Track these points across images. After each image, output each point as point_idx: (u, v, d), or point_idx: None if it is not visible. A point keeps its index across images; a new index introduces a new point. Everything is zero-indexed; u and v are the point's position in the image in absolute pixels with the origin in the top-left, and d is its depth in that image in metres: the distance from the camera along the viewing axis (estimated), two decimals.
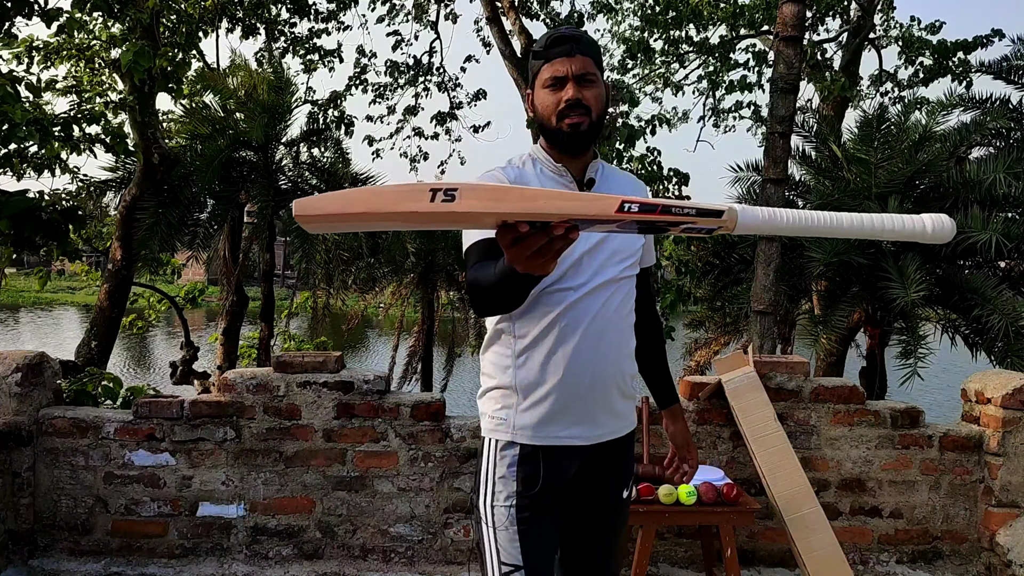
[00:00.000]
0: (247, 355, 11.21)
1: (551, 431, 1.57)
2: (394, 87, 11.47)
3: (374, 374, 3.13)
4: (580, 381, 1.56)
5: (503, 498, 1.57)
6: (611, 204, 1.00)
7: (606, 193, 1.46)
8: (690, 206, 1.02)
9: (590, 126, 1.58)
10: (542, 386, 1.56)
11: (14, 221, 4.19)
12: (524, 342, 1.58)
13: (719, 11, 10.17)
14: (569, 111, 1.56)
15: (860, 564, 3.16)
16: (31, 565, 2.99)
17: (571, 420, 1.57)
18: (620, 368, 1.62)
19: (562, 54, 1.57)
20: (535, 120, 1.64)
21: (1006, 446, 3.06)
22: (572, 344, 1.55)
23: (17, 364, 3.00)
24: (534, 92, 1.64)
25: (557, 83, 1.58)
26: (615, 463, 1.66)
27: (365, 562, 3.09)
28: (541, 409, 1.56)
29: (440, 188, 1.00)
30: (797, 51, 4.86)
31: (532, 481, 1.57)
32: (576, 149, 1.61)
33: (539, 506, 1.57)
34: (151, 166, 7.75)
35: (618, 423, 1.64)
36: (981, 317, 5.67)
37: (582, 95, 1.57)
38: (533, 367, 1.57)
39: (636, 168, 7.59)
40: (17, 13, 4.25)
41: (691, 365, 8.96)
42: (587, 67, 1.58)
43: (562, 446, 1.57)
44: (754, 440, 2.95)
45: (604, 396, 1.59)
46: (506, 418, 1.60)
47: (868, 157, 6.35)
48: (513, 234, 1.07)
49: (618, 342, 1.62)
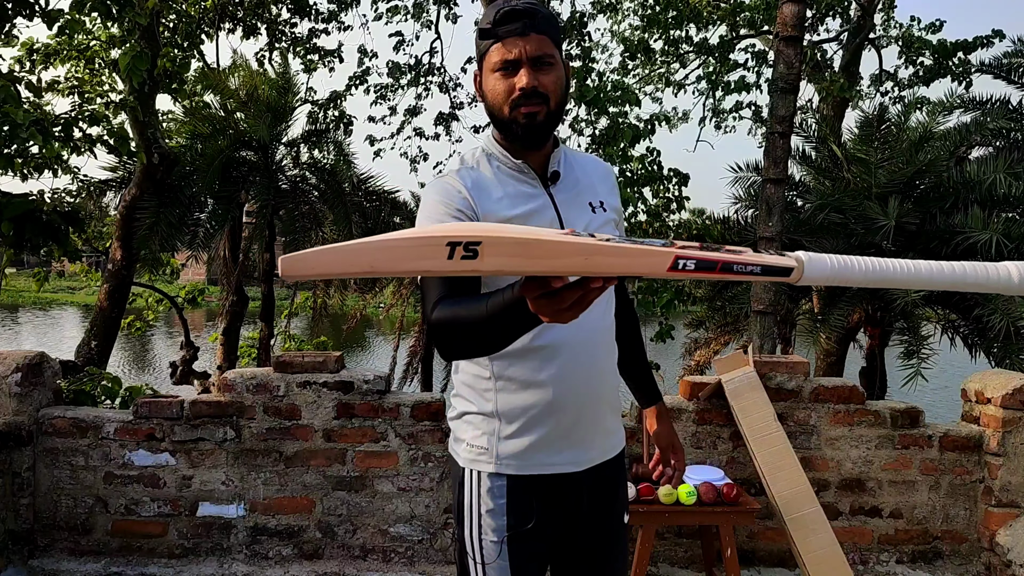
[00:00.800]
0: (247, 355, 11.21)
1: (541, 459, 1.40)
2: (395, 87, 11.47)
3: (374, 374, 3.13)
4: (571, 403, 1.39)
5: (491, 532, 1.41)
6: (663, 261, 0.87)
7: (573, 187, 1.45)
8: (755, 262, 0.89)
9: (547, 115, 1.37)
10: (529, 411, 1.39)
11: (15, 223, 4.19)
12: (504, 362, 1.39)
13: (719, 11, 10.17)
14: (524, 100, 1.35)
15: (860, 564, 3.16)
16: (31, 565, 2.99)
17: (563, 445, 1.41)
18: (610, 381, 1.48)
19: (514, 33, 1.34)
20: (485, 108, 1.43)
21: (1006, 446, 3.06)
22: (561, 361, 1.38)
23: (17, 364, 3.00)
24: (482, 75, 1.41)
25: (509, 67, 1.35)
26: (612, 486, 1.51)
27: (365, 562, 3.09)
28: (528, 436, 1.39)
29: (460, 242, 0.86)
30: (797, 51, 4.86)
31: (525, 516, 1.40)
32: (533, 142, 1.41)
33: (533, 539, 1.41)
34: (151, 166, 7.75)
35: (610, 441, 1.50)
36: (981, 317, 5.68)
37: (538, 81, 1.35)
38: (517, 389, 1.39)
39: (636, 168, 7.59)
40: (18, 14, 4.26)
41: (691, 365, 8.96)
42: (543, 47, 1.35)
43: (555, 474, 1.41)
44: (754, 440, 2.95)
45: (596, 414, 1.44)
46: (488, 447, 1.42)
47: (868, 157, 6.36)
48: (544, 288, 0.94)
49: (607, 353, 1.47)
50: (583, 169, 1.51)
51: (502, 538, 1.40)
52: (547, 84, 1.36)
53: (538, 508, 1.41)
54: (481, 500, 1.42)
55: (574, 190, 1.46)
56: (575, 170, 1.49)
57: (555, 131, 1.44)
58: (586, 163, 1.54)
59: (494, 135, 1.46)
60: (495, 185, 1.41)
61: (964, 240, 5.63)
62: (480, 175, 1.43)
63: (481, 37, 1.39)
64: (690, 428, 3.15)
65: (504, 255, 0.87)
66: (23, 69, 7.03)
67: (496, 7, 1.37)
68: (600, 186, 1.50)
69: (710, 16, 10.18)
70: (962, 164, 6.62)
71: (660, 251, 0.87)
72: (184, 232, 9.47)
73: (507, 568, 1.40)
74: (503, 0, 1.37)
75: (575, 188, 1.46)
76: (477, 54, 1.43)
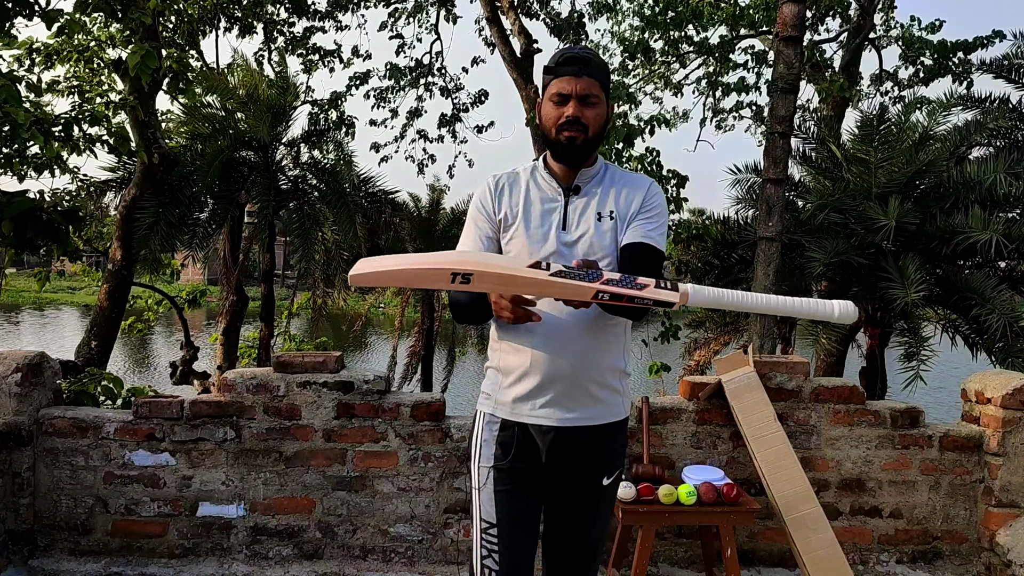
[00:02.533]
0: (247, 355, 11.21)
1: (524, 409, 1.76)
2: (395, 89, 11.46)
3: (374, 374, 3.13)
4: (548, 371, 1.73)
5: (484, 459, 1.80)
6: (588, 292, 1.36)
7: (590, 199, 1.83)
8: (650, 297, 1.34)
9: (584, 142, 1.74)
10: (517, 369, 1.76)
11: (15, 222, 4.19)
12: (505, 331, 1.79)
13: (719, 11, 10.16)
14: (567, 127, 1.72)
15: (860, 564, 3.16)
16: (31, 565, 2.99)
17: (543, 401, 1.74)
18: (593, 363, 1.74)
19: (570, 73, 1.72)
20: (539, 129, 1.83)
21: (1006, 446, 3.06)
22: (542, 335, 1.72)
23: (17, 364, 3.00)
24: (542, 103, 1.80)
25: (561, 100, 1.73)
26: (593, 448, 1.78)
27: (365, 562, 3.09)
28: (516, 389, 1.76)
29: (460, 273, 1.35)
30: (797, 51, 4.86)
31: (507, 448, 1.77)
32: (570, 160, 1.78)
33: (515, 472, 1.77)
34: (151, 166, 7.75)
35: (594, 411, 1.76)
36: (981, 317, 5.68)
37: (582, 114, 1.72)
38: (511, 352, 1.78)
39: (636, 168, 7.58)
40: (18, 14, 4.25)
41: (691, 365, 8.96)
42: (591, 88, 1.72)
43: (534, 424, 1.75)
44: (754, 440, 2.95)
45: (574, 386, 1.73)
46: (491, 394, 1.82)
47: (868, 157, 6.35)
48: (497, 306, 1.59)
49: (590, 339, 1.73)
50: (614, 185, 1.83)
51: (490, 465, 1.79)
52: (589, 117, 1.73)
53: (517, 446, 1.77)
54: (481, 433, 1.82)
55: (588, 201, 1.80)
56: (604, 186, 1.82)
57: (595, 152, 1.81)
58: (623, 180, 1.85)
59: (546, 155, 1.85)
60: (519, 189, 1.83)
61: (964, 240, 5.62)
62: (516, 180, 1.85)
63: (545, 73, 1.79)
64: (690, 428, 3.15)
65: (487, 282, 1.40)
66: (23, 68, 7.02)
67: (560, 51, 1.78)
68: (621, 199, 1.81)
69: (710, 17, 10.16)
70: (962, 164, 6.61)
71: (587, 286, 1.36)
72: (184, 232, 9.45)
73: (493, 494, 1.77)
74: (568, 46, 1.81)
75: (591, 200, 1.81)
76: (541, 86, 1.83)
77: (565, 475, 1.78)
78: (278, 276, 16.48)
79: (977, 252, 5.92)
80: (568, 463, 1.77)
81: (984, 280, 5.80)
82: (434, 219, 13.79)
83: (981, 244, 5.50)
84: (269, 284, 10.47)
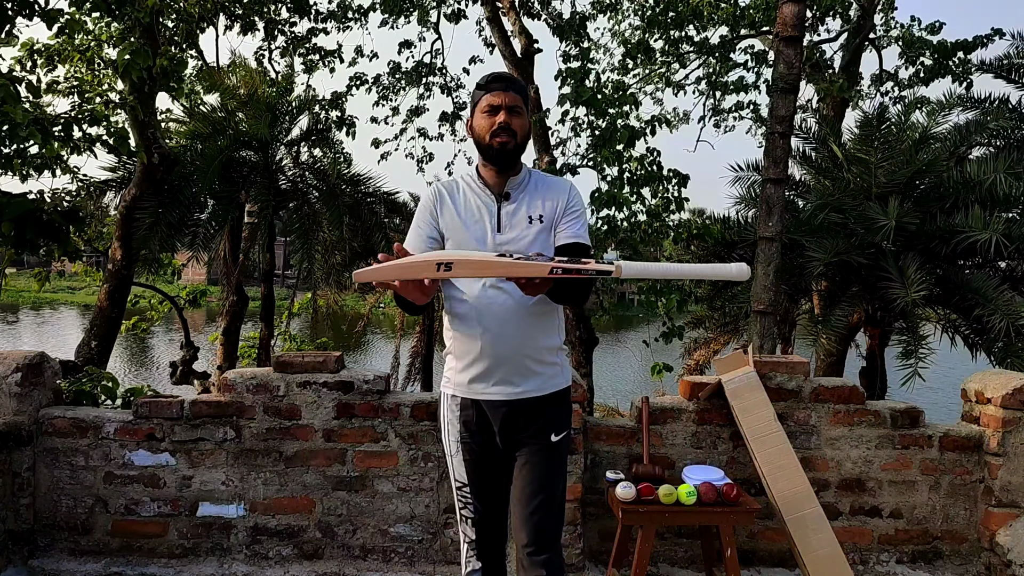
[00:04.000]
0: (247, 355, 11.20)
1: (477, 388, 2.04)
2: (397, 88, 11.48)
3: (374, 374, 3.13)
4: (494, 354, 1.99)
5: (452, 434, 2.10)
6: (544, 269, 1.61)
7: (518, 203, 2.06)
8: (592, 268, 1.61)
9: (515, 147, 2.01)
10: (468, 354, 2.03)
11: (16, 223, 4.19)
12: (452, 319, 2.06)
13: (719, 11, 10.16)
14: (500, 132, 1.98)
15: (860, 564, 3.16)
16: (31, 565, 2.99)
17: (492, 381, 2.02)
18: (531, 344, 2.01)
19: (498, 88, 2.01)
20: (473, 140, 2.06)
21: (1006, 446, 3.06)
22: (484, 325, 1.98)
23: (17, 364, 3.00)
24: (473, 117, 2.05)
25: (492, 110, 2.00)
26: (540, 413, 2.05)
27: (365, 562, 3.09)
28: (469, 372, 2.04)
29: (442, 263, 1.62)
30: (797, 51, 4.86)
31: (469, 424, 2.06)
32: (502, 163, 2.03)
33: (478, 441, 2.06)
34: (151, 166, 7.74)
35: (538, 383, 2.04)
36: (981, 317, 5.67)
37: (511, 121, 1.99)
38: (461, 338, 2.05)
39: (635, 168, 7.58)
40: (18, 14, 4.25)
41: (690, 364, 8.97)
42: (516, 101, 2.01)
43: (488, 400, 2.03)
44: (754, 440, 2.95)
45: (515, 364, 2.01)
46: (450, 377, 2.10)
47: (868, 157, 6.35)
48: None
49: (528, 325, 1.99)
50: (538, 190, 2.08)
51: (458, 439, 2.09)
52: (516, 125, 2.01)
53: (477, 420, 2.06)
54: (447, 412, 2.11)
55: (518, 206, 2.05)
56: (528, 191, 2.07)
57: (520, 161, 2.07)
58: (546, 185, 2.10)
59: (478, 162, 2.10)
60: (458, 196, 2.08)
61: (964, 240, 5.62)
62: (455, 187, 2.10)
63: (476, 89, 2.05)
64: (690, 428, 3.15)
65: (465, 268, 1.64)
66: (23, 69, 7.02)
67: (488, 74, 2.07)
68: (547, 203, 2.06)
69: (710, 17, 10.16)
70: (962, 164, 6.61)
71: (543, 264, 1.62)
72: (184, 232, 9.45)
73: (463, 460, 2.08)
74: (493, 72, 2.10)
75: (520, 205, 2.05)
76: (471, 102, 2.08)
77: (519, 437, 2.05)
78: (278, 276, 16.47)
79: (977, 252, 5.92)
80: (520, 427, 2.04)
81: (984, 280, 5.79)
82: None
83: (981, 244, 5.50)
84: (269, 284, 10.46)
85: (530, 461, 2.05)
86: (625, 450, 3.13)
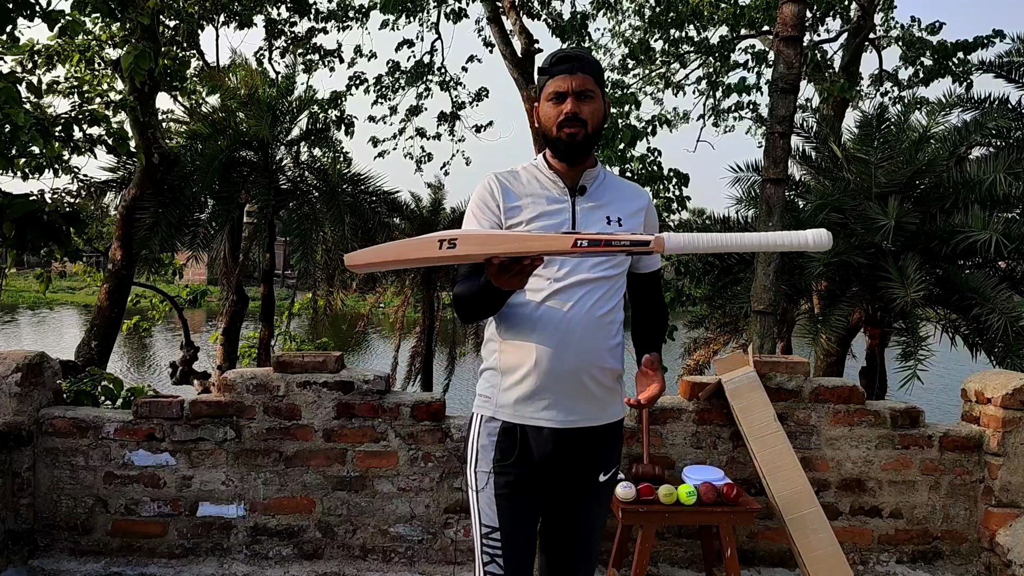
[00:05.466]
0: (247, 355, 11.20)
1: (526, 411, 1.74)
2: (395, 87, 11.48)
3: (374, 374, 3.13)
4: (551, 369, 1.71)
5: (484, 465, 1.77)
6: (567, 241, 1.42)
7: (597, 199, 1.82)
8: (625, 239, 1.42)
9: (585, 137, 1.75)
10: (519, 370, 1.74)
11: (17, 224, 4.19)
12: (507, 330, 1.77)
13: (719, 11, 10.16)
14: (567, 123, 1.73)
15: (860, 564, 3.16)
16: (31, 565, 2.99)
17: (545, 403, 1.73)
18: (593, 362, 1.74)
19: (564, 71, 1.74)
20: (539, 130, 1.82)
21: (1006, 446, 3.06)
22: (545, 335, 1.71)
23: (17, 364, 3.01)
24: (539, 105, 1.81)
25: (558, 97, 1.75)
26: (592, 448, 1.79)
27: (365, 562, 3.09)
28: (518, 390, 1.74)
29: (445, 239, 1.42)
30: (797, 51, 4.86)
31: (508, 452, 1.75)
32: (572, 157, 1.78)
33: (515, 475, 1.74)
34: (151, 166, 7.74)
35: (595, 412, 1.77)
36: (981, 317, 5.67)
37: (580, 109, 1.74)
38: (513, 352, 1.75)
39: (636, 168, 7.58)
40: (19, 15, 4.25)
41: (690, 364, 8.96)
42: (586, 84, 1.75)
43: (536, 426, 1.74)
44: (754, 440, 2.95)
45: (575, 385, 1.72)
46: (490, 396, 1.79)
47: (868, 157, 6.35)
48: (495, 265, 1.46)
49: (591, 338, 1.73)
50: (616, 191, 1.85)
51: (489, 469, 1.76)
52: (587, 112, 1.74)
53: (520, 449, 1.75)
54: (479, 437, 1.80)
55: (597, 203, 1.81)
56: (607, 190, 1.84)
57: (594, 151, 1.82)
58: (622, 187, 1.88)
59: (546, 153, 1.84)
60: (524, 189, 1.81)
61: (964, 240, 5.62)
62: (516, 178, 1.83)
63: (540, 74, 1.80)
64: (690, 428, 3.15)
65: (472, 245, 1.44)
66: (24, 70, 7.02)
67: (553, 52, 1.81)
68: (626, 207, 1.83)
69: (711, 17, 10.16)
70: (962, 164, 6.60)
71: (565, 236, 1.43)
72: (184, 232, 9.45)
73: (492, 496, 1.75)
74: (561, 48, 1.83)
75: (599, 201, 1.81)
76: (536, 89, 1.83)
77: (564, 474, 1.78)
78: (278, 276, 16.48)
79: (977, 252, 5.91)
80: (567, 463, 1.77)
81: (984, 280, 5.79)
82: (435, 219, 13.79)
83: (981, 244, 5.49)
84: (269, 284, 10.46)
85: (571, 505, 1.82)
86: (625, 450, 3.13)
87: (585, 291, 1.73)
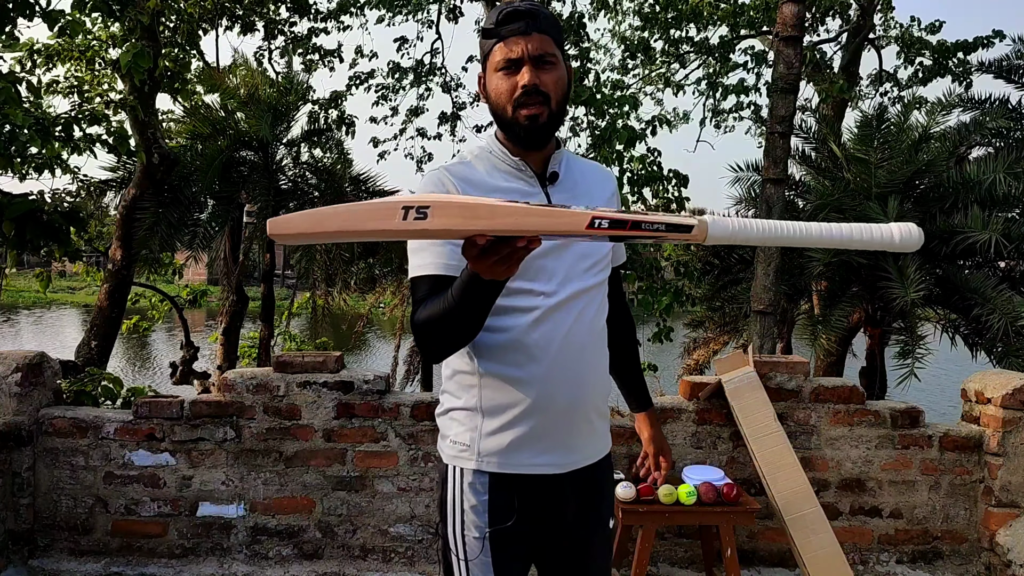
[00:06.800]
0: (247, 355, 11.21)
1: (522, 459, 1.39)
2: (396, 88, 11.48)
3: (374, 374, 3.13)
4: (554, 404, 1.38)
5: (474, 529, 1.40)
6: (582, 220, 1.00)
7: (571, 189, 1.46)
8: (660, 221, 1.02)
9: (549, 117, 1.38)
10: (508, 411, 1.38)
11: (16, 223, 4.18)
12: (490, 356, 1.39)
13: (719, 11, 10.17)
14: (525, 99, 1.35)
15: (860, 564, 3.17)
16: (31, 565, 2.99)
17: (544, 446, 1.39)
18: (598, 388, 1.46)
19: (516, 32, 1.35)
20: (489, 109, 1.43)
21: (1006, 446, 3.06)
22: (546, 362, 1.37)
23: (17, 364, 3.01)
24: (485, 75, 1.42)
25: (511, 66, 1.36)
26: (596, 490, 1.50)
27: (365, 562, 3.09)
28: (510, 434, 1.38)
29: (412, 206, 0.98)
30: (797, 51, 4.86)
31: (505, 514, 1.40)
32: (535, 143, 1.41)
33: (514, 537, 1.41)
34: (151, 166, 7.74)
35: (595, 447, 1.49)
36: (981, 317, 5.68)
37: (539, 80, 1.35)
38: (500, 386, 1.38)
39: (636, 168, 7.58)
40: (19, 15, 4.25)
41: (689, 364, 8.97)
42: (545, 47, 1.36)
43: (536, 475, 1.40)
44: (754, 440, 2.95)
45: (581, 419, 1.43)
46: (470, 443, 1.41)
47: (868, 157, 6.35)
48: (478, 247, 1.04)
49: (595, 359, 1.46)
50: (583, 174, 1.52)
51: (484, 534, 1.40)
52: (548, 83, 1.36)
53: (519, 506, 1.40)
54: (464, 497, 1.41)
55: (572, 192, 1.46)
56: (575, 173, 1.50)
57: (557, 132, 1.44)
58: (587, 168, 1.55)
59: (497, 134, 1.47)
60: (487, 181, 1.41)
61: (964, 240, 5.62)
62: (473, 171, 1.43)
63: (484, 37, 1.40)
64: (690, 428, 3.15)
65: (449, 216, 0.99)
66: (23, 70, 7.02)
67: (498, 8, 1.39)
68: (597, 192, 1.51)
69: (710, 16, 10.17)
70: (962, 164, 6.61)
71: (580, 212, 1.00)
72: (184, 232, 9.45)
73: (490, 564, 1.39)
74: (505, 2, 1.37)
75: (573, 191, 1.47)
76: (481, 55, 1.42)
77: (570, 524, 1.46)
78: (278, 276, 16.48)
79: (977, 252, 5.92)
80: (572, 510, 1.46)
81: (984, 280, 5.80)
82: None
83: (981, 244, 5.50)
84: (269, 284, 10.46)
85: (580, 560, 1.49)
86: (625, 450, 3.13)
87: (582, 305, 1.42)
